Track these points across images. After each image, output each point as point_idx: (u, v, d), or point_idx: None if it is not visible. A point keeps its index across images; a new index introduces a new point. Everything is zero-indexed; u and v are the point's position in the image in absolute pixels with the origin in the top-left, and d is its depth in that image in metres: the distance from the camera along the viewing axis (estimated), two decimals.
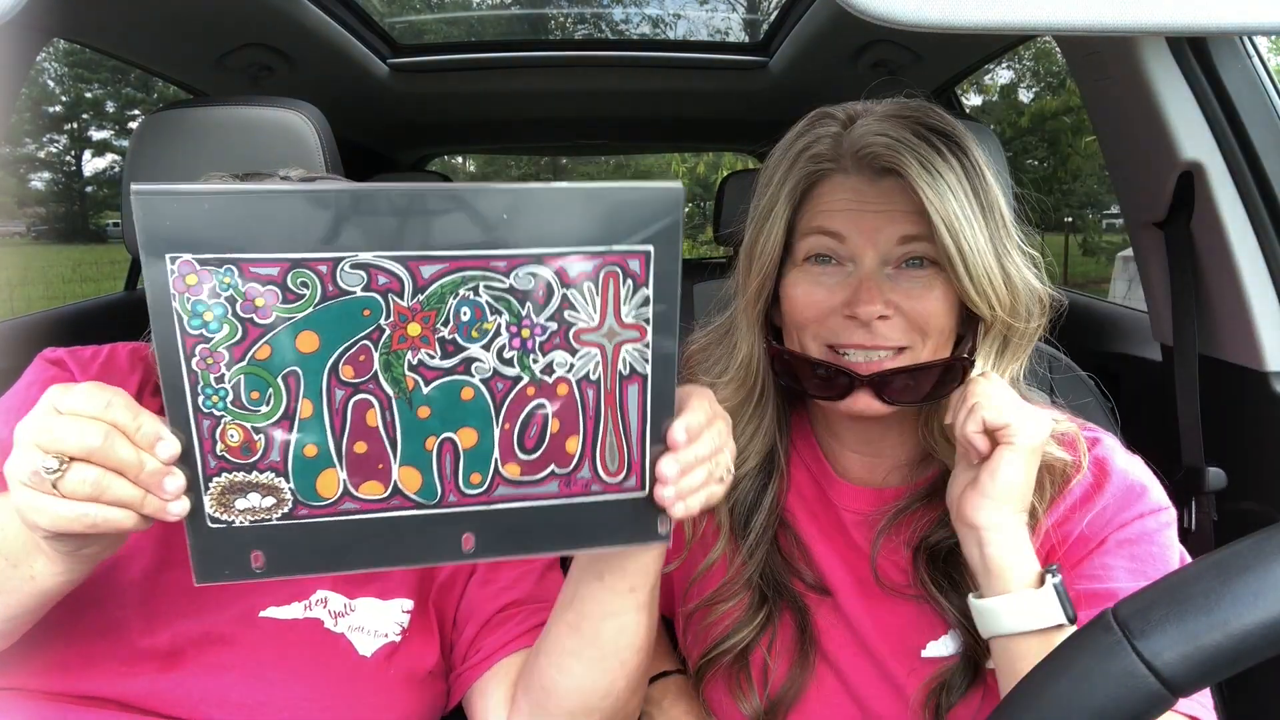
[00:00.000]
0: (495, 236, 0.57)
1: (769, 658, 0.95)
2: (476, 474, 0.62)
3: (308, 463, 0.60)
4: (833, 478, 1.00)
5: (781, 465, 1.01)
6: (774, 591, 0.97)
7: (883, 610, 0.94)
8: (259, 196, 0.55)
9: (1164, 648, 0.46)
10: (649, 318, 0.61)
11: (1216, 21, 0.52)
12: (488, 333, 0.59)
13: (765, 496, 0.99)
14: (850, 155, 0.90)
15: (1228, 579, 0.47)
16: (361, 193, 0.56)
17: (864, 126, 0.89)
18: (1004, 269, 0.87)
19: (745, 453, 0.99)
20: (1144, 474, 0.90)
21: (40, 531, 0.60)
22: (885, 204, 0.88)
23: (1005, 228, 0.88)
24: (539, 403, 0.62)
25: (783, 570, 0.98)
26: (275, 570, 0.62)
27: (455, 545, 0.64)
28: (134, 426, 0.57)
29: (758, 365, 0.98)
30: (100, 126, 19.10)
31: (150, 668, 0.85)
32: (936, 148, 0.85)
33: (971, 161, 0.87)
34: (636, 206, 0.59)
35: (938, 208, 0.84)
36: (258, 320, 0.56)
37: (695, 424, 0.66)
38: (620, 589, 0.78)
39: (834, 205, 0.90)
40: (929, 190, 0.84)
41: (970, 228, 0.85)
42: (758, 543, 0.98)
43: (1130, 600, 0.50)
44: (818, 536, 0.99)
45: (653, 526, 0.67)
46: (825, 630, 0.96)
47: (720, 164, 10.46)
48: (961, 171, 0.86)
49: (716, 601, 0.99)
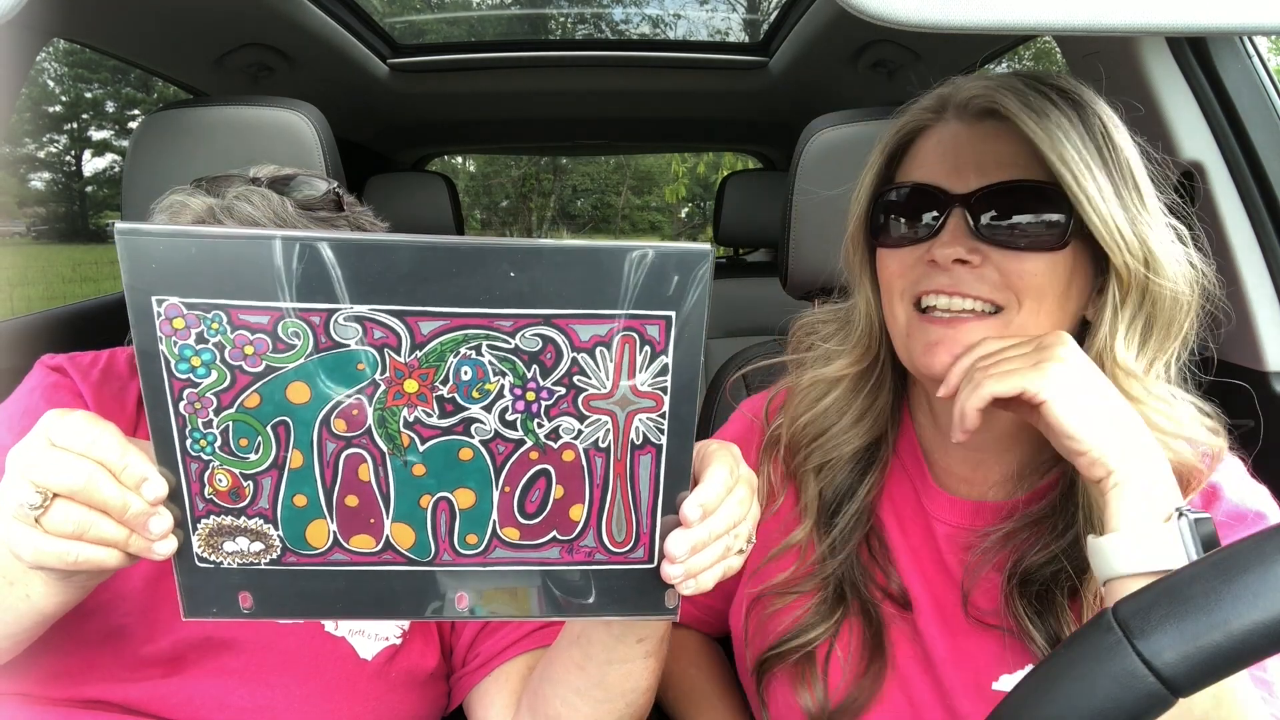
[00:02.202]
0: (501, 294, 0.54)
1: (838, 657, 0.89)
2: (473, 535, 0.60)
3: (297, 511, 0.58)
4: (930, 484, 0.92)
5: (885, 457, 0.94)
6: (852, 594, 0.90)
7: (962, 638, 0.87)
8: (249, 241, 0.53)
9: (1164, 648, 0.46)
10: (667, 387, 0.57)
11: (1216, 21, 0.52)
12: (490, 394, 0.57)
13: (861, 487, 0.92)
14: (952, 106, 0.85)
15: (1228, 579, 0.47)
16: (357, 243, 0.53)
17: (974, 78, 0.84)
18: (1138, 231, 0.77)
19: (850, 434, 0.93)
20: (1264, 504, 0.81)
21: (24, 563, 0.59)
22: (981, 147, 0.82)
23: (1141, 197, 0.79)
24: (542, 468, 0.59)
25: (863, 577, 0.91)
26: (263, 613, 0.61)
27: (448, 603, 0.62)
28: (120, 466, 0.56)
29: (879, 333, 0.92)
30: (100, 126, 19.07)
31: (152, 673, 0.85)
32: (1050, 98, 0.79)
33: (1097, 120, 0.79)
34: (659, 268, 0.54)
35: (1049, 145, 0.76)
36: (247, 368, 0.55)
37: (711, 498, 0.61)
38: (628, 640, 0.77)
39: (927, 156, 0.86)
40: (1035, 127, 0.76)
41: (1090, 173, 0.76)
42: (844, 540, 0.91)
43: (1130, 600, 0.50)
44: (905, 549, 0.91)
45: (659, 600, 0.64)
46: (899, 644, 0.89)
47: (720, 164, 10.44)
48: (1082, 126, 0.78)
49: (787, 592, 0.92)
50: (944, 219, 0.82)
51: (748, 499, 0.66)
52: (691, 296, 0.55)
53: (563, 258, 0.54)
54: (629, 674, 0.78)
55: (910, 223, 0.85)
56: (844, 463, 0.93)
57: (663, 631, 0.78)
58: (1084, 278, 0.82)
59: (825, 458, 0.94)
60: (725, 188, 2.71)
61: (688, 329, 0.56)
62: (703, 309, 0.55)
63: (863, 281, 0.93)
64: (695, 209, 19.00)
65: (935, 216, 0.83)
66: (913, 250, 0.84)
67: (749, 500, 0.66)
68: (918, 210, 0.84)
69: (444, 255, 0.53)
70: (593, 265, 0.54)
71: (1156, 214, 0.80)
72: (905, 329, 0.86)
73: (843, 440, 0.93)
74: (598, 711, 0.81)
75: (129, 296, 0.53)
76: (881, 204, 0.89)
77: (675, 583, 0.61)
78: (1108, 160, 0.78)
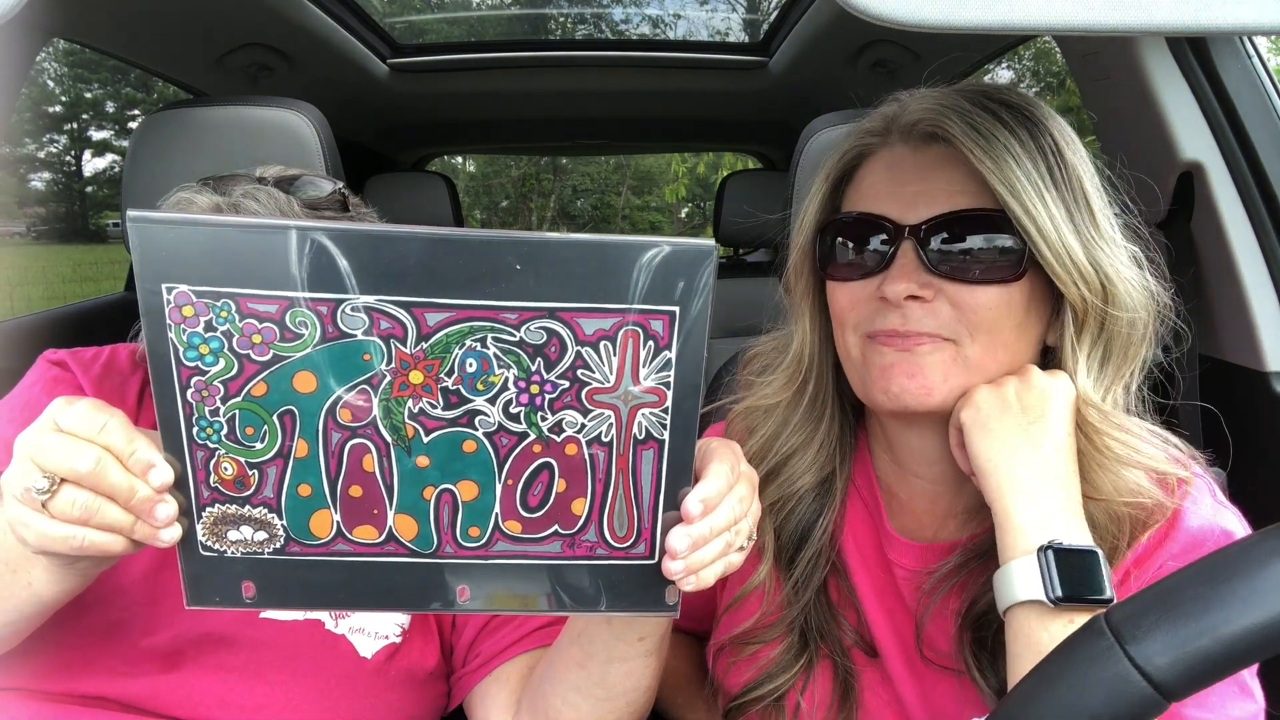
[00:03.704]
0: (506, 287, 0.54)
1: (805, 709, 0.87)
2: (475, 528, 0.60)
3: (301, 501, 0.58)
4: (887, 528, 0.89)
5: (839, 492, 0.91)
6: (817, 640, 0.88)
7: (928, 683, 0.84)
8: (258, 230, 0.53)
9: (1155, 652, 0.47)
10: (670, 382, 0.57)
11: (1216, 21, 0.52)
12: (494, 386, 0.57)
13: (816, 527, 0.89)
14: (897, 128, 0.83)
15: (1217, 584, 0.47)
16: (366, 234, 0.53)
17: (920, 98, 0.82)
18: (1093, 258, 0.75)
19: (797, 466, 0.90)
20: (1230, 524, 0.77)
21: (28, 547, 0.59)
22: (927, 175, 0.79)
23: (1094, 219, 0.77)
24: (545, 461, 0.59)
25: (829, 621, 0.88)
26: (266, 602, 0.61)
27: (450, 596, 0.62)
28: (128, 452, 0.56)
29: (811, 358, 0.89)
30: (100, 126, 19.09)
31: (151, 668, 0.85)
32: (998, 117, 0.76)
33: (1047, 139, 0.76)
34: (663, 263, 0.54)
35: (995, 172, 0.74)
36: (254, 357, 0.55)
37: (712, 494, 0.61)
38: (629, 638, 0.76)
39: (873, 182, 0.83)
40: (982, 154, 0.74)
41: (1041, 199, 0.74)
42: (805, 582, 0.88)
43: (1123, 605, 0.50)
44: (870, 591, 0.89)
45: (660, 596, 0.64)
46: (870, 688, 0.87)
47: (720, 164, 10.45)
48: (1034, 145, 0.75)
49: (751, 641, 0.90)
50: (894, 251, 0.79)
51: (749, 496, 0.66)
52: (696, 292, 0.55)
53: (568, 252, 0.54)
54: (629, 672, 0.78)
55: (859, 254, 0.82)
56: (798, 499, 0.90)
57: (664, 630, 0.78)
58: (1043, 304, 0.80)
59: (780, 494, 0.91)
60: (725, 188, 2.71)
61: (692, 324, 0.56)
62: (707, 304, 0.55)
63: (802, 310, 0.91)
64: (695, 209, 19.02)
65: (885, 249, 0.80)
66: (863, 285, 0.82)
67: (750, 497, 0.66)
68: (866, 242, 0.82)
69: (451, 247, 0.53)
70: (598, 259, 0.54)
71: (1110, 237, 0.78)
72: (860, 357, 0.83)
73: (795, 475, 0.90)
74: (599, 710, 0.81)
75: (139, 284, 0.53)
76: (829, 233, 0.86)
77: (676, 578, 0.61)
78: (1059, 182, 0.76)
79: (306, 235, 0.52)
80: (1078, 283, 0.75)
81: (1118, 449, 0.77)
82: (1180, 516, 0.77)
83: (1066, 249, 0.74)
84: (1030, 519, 0.72)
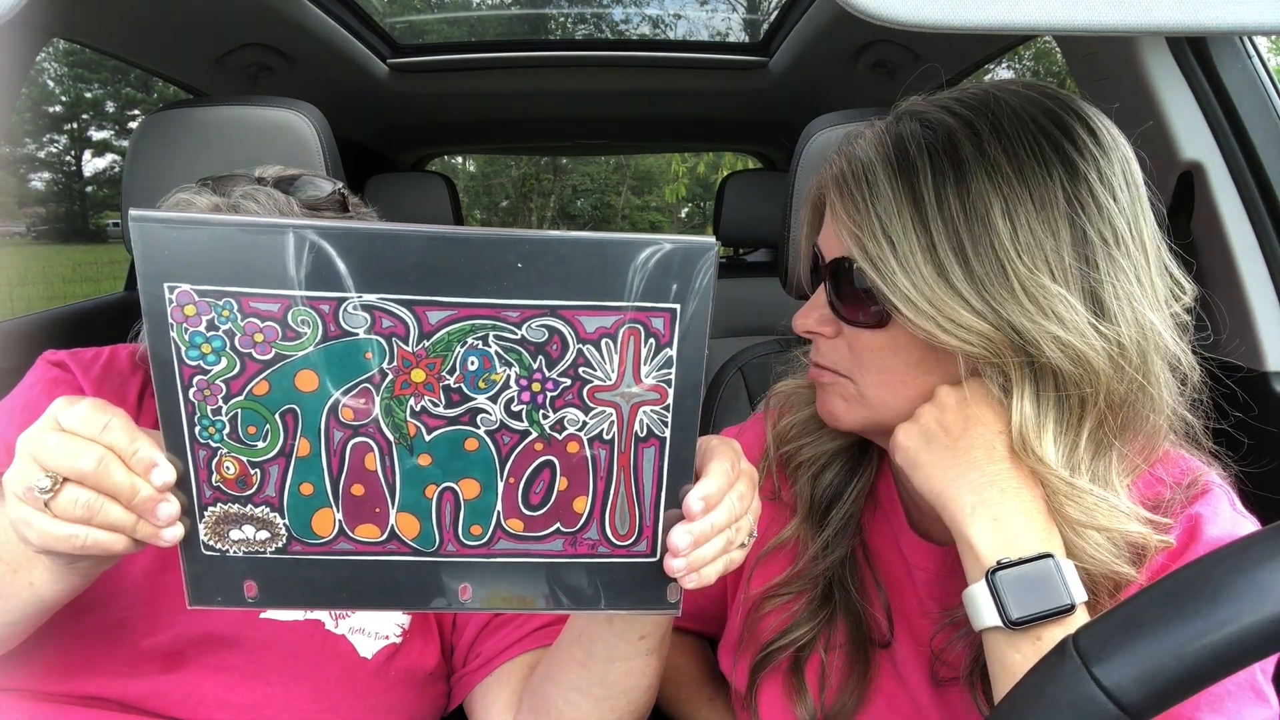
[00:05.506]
0: (508, 285, 0.54)
1: (825, 658, 0.88)
2: (477, 526, 0.60)
3: (303, 500, 0.58)
4: (905, 527, 0.89)
5: (873, 460, 0.91)
6: (841, 594, 0.89)
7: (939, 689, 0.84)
8: (261, 229, 0.53)
9: (1120, 675, 0.47)
10: (671, 380, 0.58)
11: (1216, 21, 0.52)
12: (496, 384, 0.57)
13: (849, 489, 0.91)
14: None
15: (1178, 605, 0.48)
16: (367, 233, 0.53)
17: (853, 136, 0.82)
18: (991, 309, 0.70)
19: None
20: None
21: (30, 546, 0.59)
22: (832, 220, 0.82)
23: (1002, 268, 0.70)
24: (547, 459, 0.59)
25: (853, 581, 0.89)
26: (268, 601, 0.61)
27: (452, 594, 0.62)
28: (130, 451, 0.57)
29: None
30: (100, 126, 19.10)
31: (152, 668, 0.85)
32: (897, 162, 0.74)
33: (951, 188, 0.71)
34: (664, 261, 0.54)
35: (848, 220, 0.76)
36: (256, 356, 0.55)
37: (713, 491, 0.62)
38: (630, 637, 0.77)
39: (826, 217, 0.84)
40: (837, 197, 0.77)
41: (890, 249, 0.72)
42: (835, 541, 0.90)
43: (1090, 627, 0.51)
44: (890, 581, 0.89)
45: (662, 594, 0.64)
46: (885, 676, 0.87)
47: (720, 164, 10.45)
48: (912, 192, 0.72)
49: (781, 593, 0.91)
50: (816, 286, 0.84)
51: (749, 493, 0.66)
52: (696, 289, 0.55)
53: (569, 249, 0.54)
54: (630, 672, 0.79)
55: (812, 282, 0.87)
56: (831, 457, 0.92)
57: (664, 629, 0.78)
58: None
59: (815, 451, 0.93)
60: (725, 188, 2.71)
61: (693, 322, 0.56)
62: (707, 302, 0.56)
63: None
64: (695, 209, 19.02)
65: (815, 282, 0.84)
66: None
67: (750, 495, 0.67)
68: (812, 271, 0.86)
69: (452, 246, 0.54)
70: (599, 257, 0.55)
71: (1040, 294, 0.70)
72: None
73: (827, 436, 0.92)
74: (599, 709, 0.81)
75: (141, 284, 0.53)
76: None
77: (678, 576, 0.62)
78: (940, 236, 0.71)
79: (308, 234, 0.53)
80: (956, 334, 0.70)
81: (1072, 512, 0.71)
82: (1200, 527, 0.75)
83: (929, 300, 0.71)
84: (980, 538, 0.70)
